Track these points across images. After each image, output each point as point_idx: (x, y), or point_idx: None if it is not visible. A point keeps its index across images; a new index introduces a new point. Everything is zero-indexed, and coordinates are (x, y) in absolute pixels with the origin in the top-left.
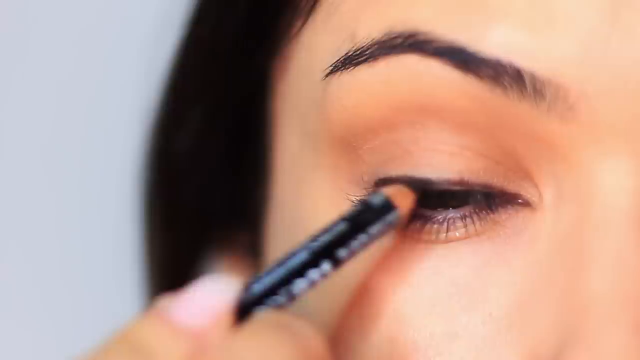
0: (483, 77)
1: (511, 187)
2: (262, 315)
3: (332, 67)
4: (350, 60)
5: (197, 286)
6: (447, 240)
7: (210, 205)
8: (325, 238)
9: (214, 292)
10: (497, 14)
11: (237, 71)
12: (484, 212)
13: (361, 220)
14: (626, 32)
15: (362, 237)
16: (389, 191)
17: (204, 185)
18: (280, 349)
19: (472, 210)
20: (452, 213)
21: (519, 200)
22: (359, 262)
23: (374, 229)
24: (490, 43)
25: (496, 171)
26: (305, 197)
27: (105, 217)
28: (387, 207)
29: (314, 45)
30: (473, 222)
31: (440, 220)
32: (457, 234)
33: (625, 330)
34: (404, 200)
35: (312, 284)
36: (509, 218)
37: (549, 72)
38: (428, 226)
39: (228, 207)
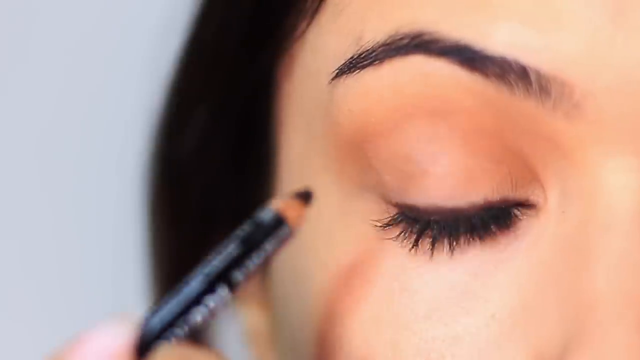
0: (489, 75)
1: (521, 193)
2: (162, 350)
3: (337, 71)
4: (356, 64)
5: (92, 330)
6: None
7: (215, 205)
8: (218, 262)
9: (110, 334)
10: (503, 12)
11: (241, 71)
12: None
13: (253, 240)
14: (631, 32)
15: (255, 257)
16: (278, 205)
17: (208, 185)
18: None
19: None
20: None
21: (524, 203)
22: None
23: (267, 246)
24: (496, 41)
25: (508, 182)
26: None
27: (111, 218)
28: (278, 222)
29: (320, 47)
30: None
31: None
32: (458, 241)
33: (630, 329)
34: (294, 212)
35: (211, 311)
36: (512, 222)
37: (555, 70)
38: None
39: (233, 207)
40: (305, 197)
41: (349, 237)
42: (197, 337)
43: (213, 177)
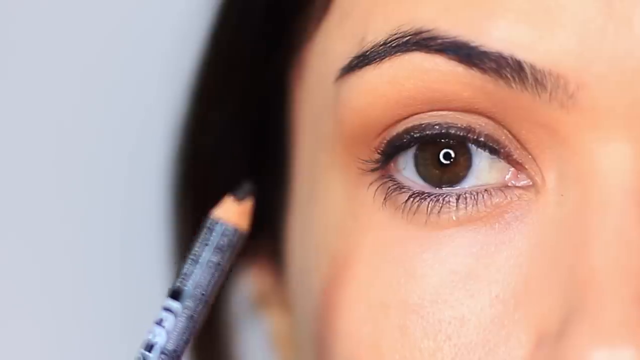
0: (486, 70)
1: (517, 154)
2: None
3: (341, 71)
4: (358, 63)
5: None
6: (448, 226)
7: None
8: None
9: None
10: (498, 10)
11: (256, 78)
12: (486, 194)
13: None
14: (621, 23)
15: (189, 261)
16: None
17: (229, 186)
18: None
19: (473, 191)
20: (449, 189)
21: (522, 183)
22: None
23: (196, 248)
24: (492, 37)
25: (502, 135)
26: (320, 198)
27: (134, 228)
28: (212, 224)
29: (328, 51)
30: (477, 203)
31: (442, 197)
32: (454, 217)
33: (626, 302)
34: (229, 212)
35: (172, 326)
36: (510, 203)
37: (549, 64)
38: (425, 203)
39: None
40: (238, 195)
41: (357, 227)
42: (222, 344)
43: (233, 178)
